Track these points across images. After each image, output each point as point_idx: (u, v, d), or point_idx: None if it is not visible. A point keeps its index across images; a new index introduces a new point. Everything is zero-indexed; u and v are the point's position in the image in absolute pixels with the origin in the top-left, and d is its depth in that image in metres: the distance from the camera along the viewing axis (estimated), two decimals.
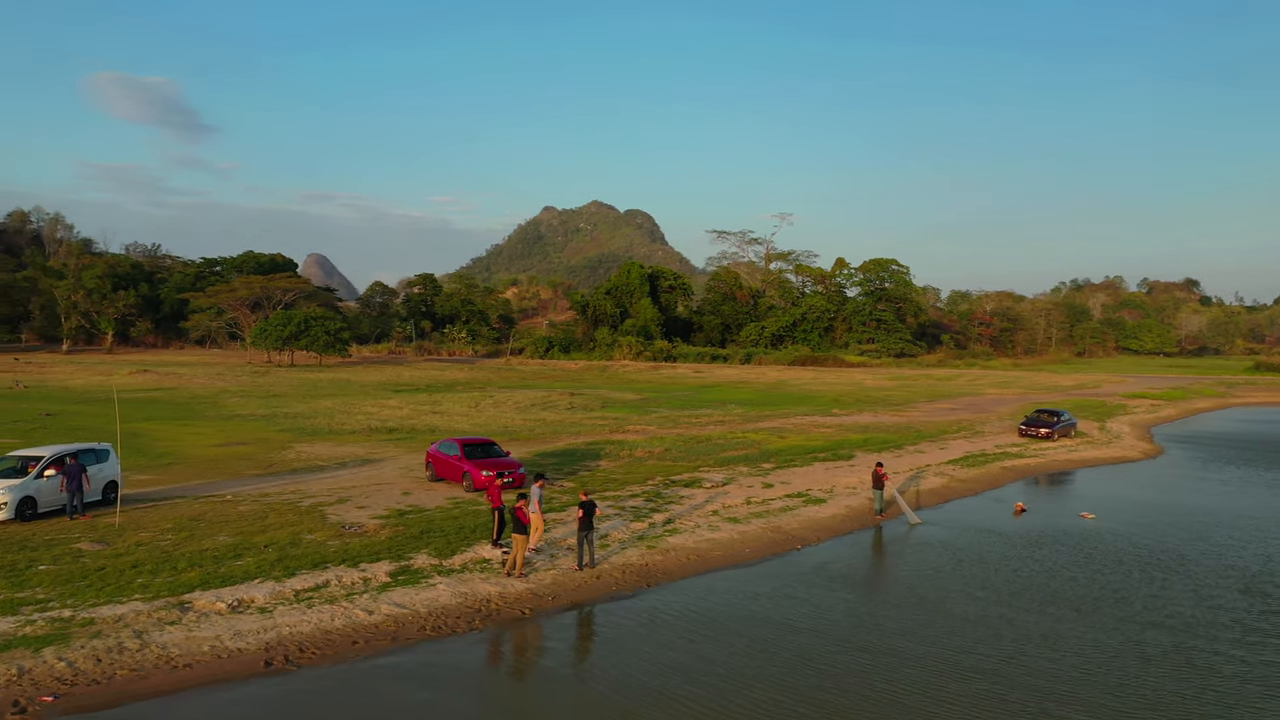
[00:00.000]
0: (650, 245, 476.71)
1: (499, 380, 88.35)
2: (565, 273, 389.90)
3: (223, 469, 32.81)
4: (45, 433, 42.72)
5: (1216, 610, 18.96)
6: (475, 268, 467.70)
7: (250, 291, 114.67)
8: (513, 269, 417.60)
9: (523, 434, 43.06)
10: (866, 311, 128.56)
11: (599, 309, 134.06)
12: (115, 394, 36.42)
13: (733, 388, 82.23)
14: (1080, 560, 23.22)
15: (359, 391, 70.87)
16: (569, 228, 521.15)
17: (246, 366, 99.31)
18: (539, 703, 14.54)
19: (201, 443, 40.03)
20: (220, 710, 13.63)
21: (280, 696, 14.13)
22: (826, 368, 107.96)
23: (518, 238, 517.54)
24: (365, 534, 22.31)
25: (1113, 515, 29.16)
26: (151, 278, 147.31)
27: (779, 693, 14.53)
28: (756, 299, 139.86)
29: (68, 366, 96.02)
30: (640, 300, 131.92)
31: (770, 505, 27.89)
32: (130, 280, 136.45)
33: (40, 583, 17.85)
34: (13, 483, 22.50)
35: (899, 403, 63.81)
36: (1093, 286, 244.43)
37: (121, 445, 38.65)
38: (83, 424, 46.72)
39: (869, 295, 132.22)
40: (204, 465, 33.88)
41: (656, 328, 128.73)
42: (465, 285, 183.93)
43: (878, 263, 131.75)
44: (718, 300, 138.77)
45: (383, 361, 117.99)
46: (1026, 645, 16.80)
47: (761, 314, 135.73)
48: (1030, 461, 38.77)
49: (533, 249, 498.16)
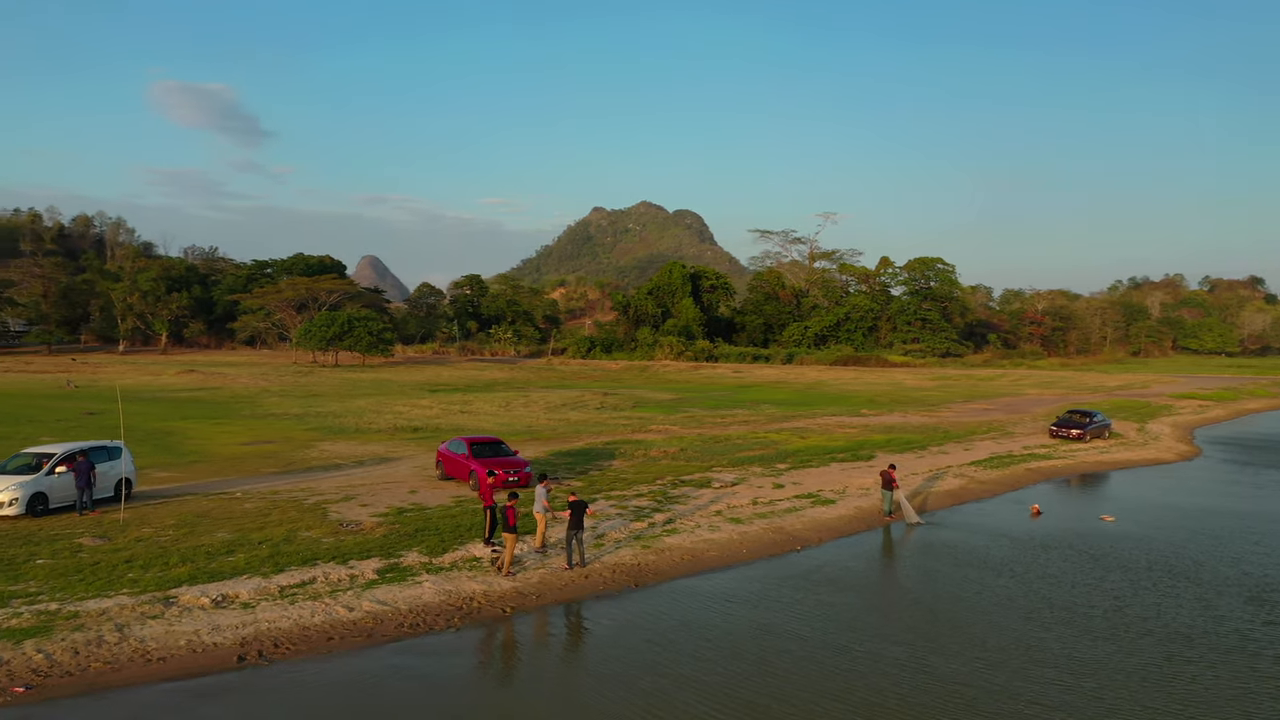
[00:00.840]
0: (699, 245, 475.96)
1: (538, 380, 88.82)
2: (614, 273, 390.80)
3: (243, 467, 33.37)
4: (82, 430, 43.87)
5: (1217, 619, 18.25)
6: (525, 269, 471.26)
7: (296, 293, 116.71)
8: (562, 270, 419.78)
9: (545, 433, 43.21)
10: (911, 311, 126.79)
11: (640, 309, 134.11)
12: (119, 394, 37.24)
13: (770, 388, 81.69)
14: (1086, 565, 22.61)
15: (396, 391, 71.74)
16: (618, 228, 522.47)
17: (291, 366, 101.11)
18: (484, 703, 14.43)
19: (229, 441, 40.80)
20: (182, 703, 13.82)
21: (245, 691, 14.29)
22: (868, 368, 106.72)
23: (567, 239, 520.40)
24: (361, 531, 22.53)
25: (1133, 518, 28.37)
26: (205, 280, 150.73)
27: (723, 698, 14.27)
28: (800, 298, 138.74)
29: (120, 367, 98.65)
30: (682, 300, 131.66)
31: (776, 506, 27.61)
32: (183, 282, 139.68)
33: (35, 576, 18.31)
34: (25, 479, 23.12)
35: (934, 403, 62.82)
36: (1151, 284, 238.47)
37: (153, 443, 39.77)
38: (130, 424, 47.78)
39: (914, 294, 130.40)
40: (226, 463, 34.50)
41: (698, 328, 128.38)
42: (511, 286, 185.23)
43: (923, 261, 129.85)
44: (760, 300, 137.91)
45: (426, 362, 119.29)
46: (1008, 655, 16.34)
47: (805, 314, 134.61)
48: (1057, 463, 37.88)
49: (582, 250, 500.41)
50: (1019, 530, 26.50)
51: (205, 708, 13.71)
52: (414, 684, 14.77)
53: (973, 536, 25.57)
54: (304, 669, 15.13)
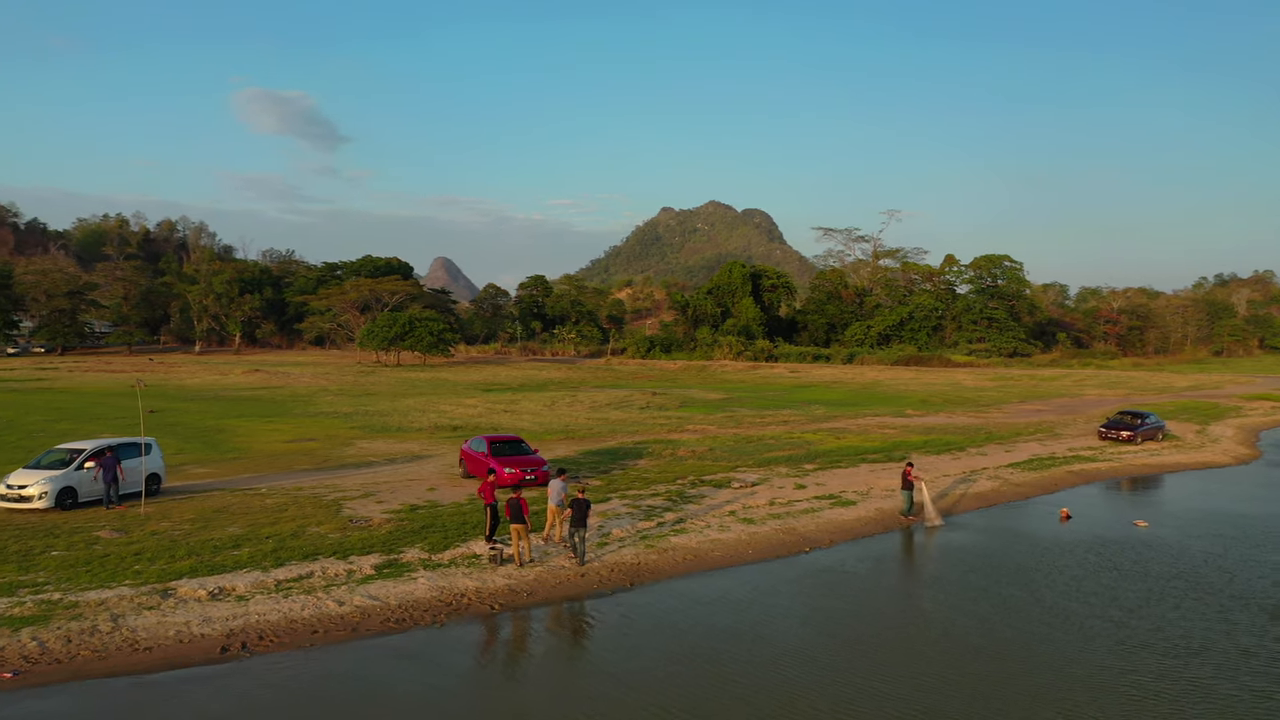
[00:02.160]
0: (768, 244, 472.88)
1: (592, 380, 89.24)
2: (682, 273, 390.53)
3: (280, 464, 34.22)
4: (147, 430, 45.43)
5: (1229, 635, 17.32)
6: (594, 269, 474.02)
7: (359, 294, 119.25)
8: (630, 270, 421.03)
9: (580, 432, 43.41)
10: (977, 309, 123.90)
11: (700, 309, 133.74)
12: (139, 392, 38.27)
13: (824, 388, 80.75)
14: (1105, 572, 21.82)
15: (449, 390, 72.80)
16: (686, 228, 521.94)
17: (354, 366, 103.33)
18: (447, 701, 14.47)
19: (274, 438, 41.87)
20: (155, 692, 14.22)
21: (217, 682, 14.62)
22: (930, 368, 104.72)
23: (635, 239, 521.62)
24: (368, 528, 22.92)
25: (1169, 524, 27.32)
26: (278, 282, 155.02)
27: (646, 703, 14.11)
28: (862, 298, 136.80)
29: (192, 366, 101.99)
30: (742, 300, 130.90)
31: (794, 507, 27.28)
32: (256, 284, 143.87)
33: (46, 567, 19.06)
34: (54, 473, 24.08)
35: (988, 404, 61.36)
36: (1239, 281, 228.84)
37: (201, 440, 41.06)
38: (180, 420, 49.55)
39: (980, 293, 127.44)
40: (265, 460, 35.43)
41: (758, 327, 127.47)
42: (575, 286, 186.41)
43: (989, 259, 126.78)
44: (822, 299, 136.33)
45: (486, 361, 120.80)
46: (993, 663, 15.90)
47: (867, 313, 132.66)
48: (1101, 466, 36.67)
49: (650, 250, 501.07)
50: (1044, 535, 25.74)
51: (163, 697, 14.09)
52: (376, 677, 14.97)
53: (992, 540, 24.92)
54: (280, 662, 15.44)
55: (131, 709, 13.76)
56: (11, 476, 24.21)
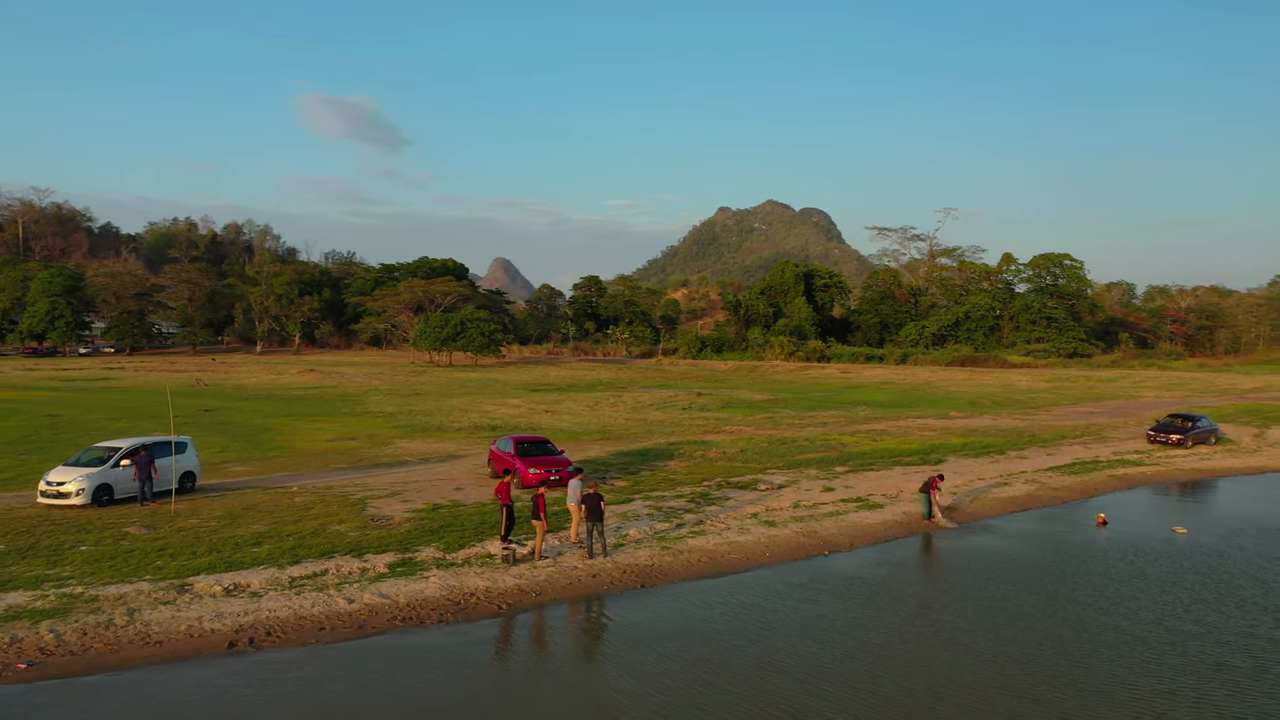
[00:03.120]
0: (826, 244, 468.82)
1: (641, 380, 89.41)
2: (740, 273, 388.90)
3: (317, 462, 34.89)
4: (192, 427, 46.75)
5: (1248, 651, 16.72)
6: (651, 270, 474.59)
7: (413, 295, 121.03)
8: (687, 270, 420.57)
9: (617, 433, 43.52)
10: (1035, 309, 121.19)
11: (751, 309, 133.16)
12: (169, 392, 39.23)
13: (873, 389, 79.85)
14: (1131, 581, 21.18)
15: (495, 391, 73.52)
16: (743, 228, 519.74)
17: (407, 366, 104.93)
18: (431, 700, 14.54)
19: (317, 437, 42.71)
20: (158, 684, 14.60)
21: (215, 677, 14.92)
22: (986, 368, 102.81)
23: (692, 239, 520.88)
24: (388, 526, 23.26)
25: (1210, 531, 26.46)
26: (338, 283, 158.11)
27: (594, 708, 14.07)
28: (917, 297, 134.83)
29: (251, 366, 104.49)
30: (794, 300, 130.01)
31: (818, 509, 27.01)
32: (315, 286, 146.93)
33: (73, 561, 19.70)
34: (91, 471, 24.87)
35: (1038, 405, 60.07)
36: None
37: (246, 439, 42.02)
38: (232, 419, 50.78)
39: (1039, 292, 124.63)
40: (304, 458, 36.15)
41: (811, 327, 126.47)
42: (629, 286, 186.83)
43: (1048, 257, 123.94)
44: (875, 299, 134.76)
45: (538, 361, 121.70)
46: (984, 673, 15.57)
47: (922, 313, 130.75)
48: (1146, 470, 35.65)
49: (707, 250, 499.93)
50: (1075, 540, 25.12)
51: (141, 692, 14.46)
52: (366, 676, 15.16)
53: (1019, 546, 24.39)
54: (283, 658, 15.74)
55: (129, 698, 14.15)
56: (51, 474, 25.07)
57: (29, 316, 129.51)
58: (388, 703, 14.16)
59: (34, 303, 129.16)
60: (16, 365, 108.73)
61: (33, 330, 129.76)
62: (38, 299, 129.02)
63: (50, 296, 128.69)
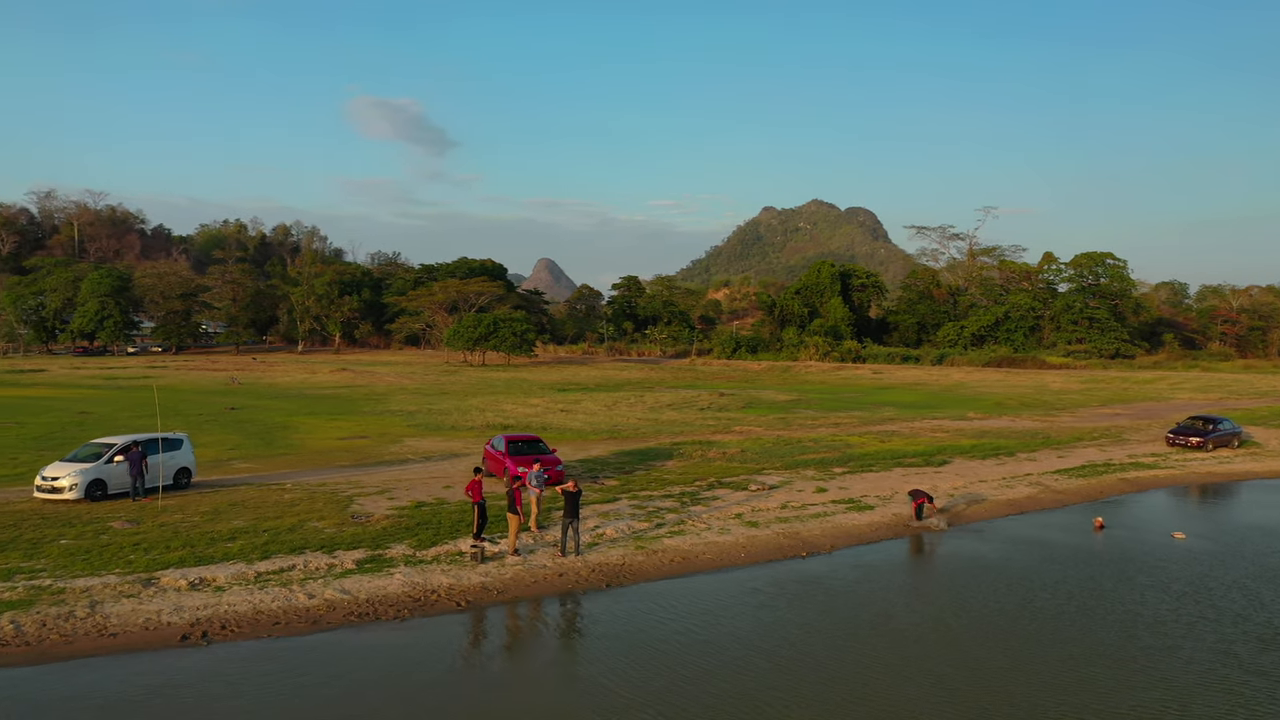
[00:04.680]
0: (872, 243, 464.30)
1: (669, 380, 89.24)
2: (784, 273, 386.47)
3: (322, 460, 35.32)
4: (213, 425, 47.65)
5: (1216, 674, 16.10)
6: (695, 270, 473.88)
7: (446, 295, 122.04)
8: (731, 270, 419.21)
9: (626, 433, 43.48)
10: (1077, 309, 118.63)
11: (786, 309, 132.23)
12: (155, 390, 39.77)
13: (903, 389, 78.88)
14: (1114, 588, 20.60)
15: (521, 390, 73.87)
16: (788, 227, 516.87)
17: (440, 366, 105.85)
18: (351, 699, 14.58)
19: (331, 435, 43.25)
20: (94, 678, 14.83)
21: (161, 670, 15.14)
22: (1024, 369, 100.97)
23: (736, 239, 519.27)
24: (366, 524, 23.46)
25: (1212, 537, 25.69)
26: (379, 284, 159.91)
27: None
28: (956, 297, 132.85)
29: (289, 366, 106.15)
30: (830, 300, 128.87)
31: (806, 510, 26.72)
32: (355, 286, 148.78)
33: (48, 555, 20.13)
34: (85, 466, 25.43)
35: (1065, 407, 58.87)
36: None
37: (260, 437, 42.67)
38: (254, 417, 51.64)
39: (1080, 291, 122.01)
40: (312, 456, 36.63)
41: (847, 328, 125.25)
42: (666, 287, 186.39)
43: (1090, 256, 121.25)
44: (913, 299, 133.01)
45: (572, 361, 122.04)
46: (920, 686, 15.26)
47: (961, 313, 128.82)
48: (1159, 474, 34.73)
49: (751, 250, 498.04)
50: (1066, 545, 24.54)
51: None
52: (296, 673, 15.29)
53: (1004, 551, 23.88)
54: (229, 653, 15.91)
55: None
56: (47, 469, 25.69)
57: (79, 316, 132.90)
58: (299, 704, 14.18)
59: (84, 303, 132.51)
60: (64, 364, 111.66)
61: (83, 330, 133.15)
62: (87, 299, 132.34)
63: (99, 297, 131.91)
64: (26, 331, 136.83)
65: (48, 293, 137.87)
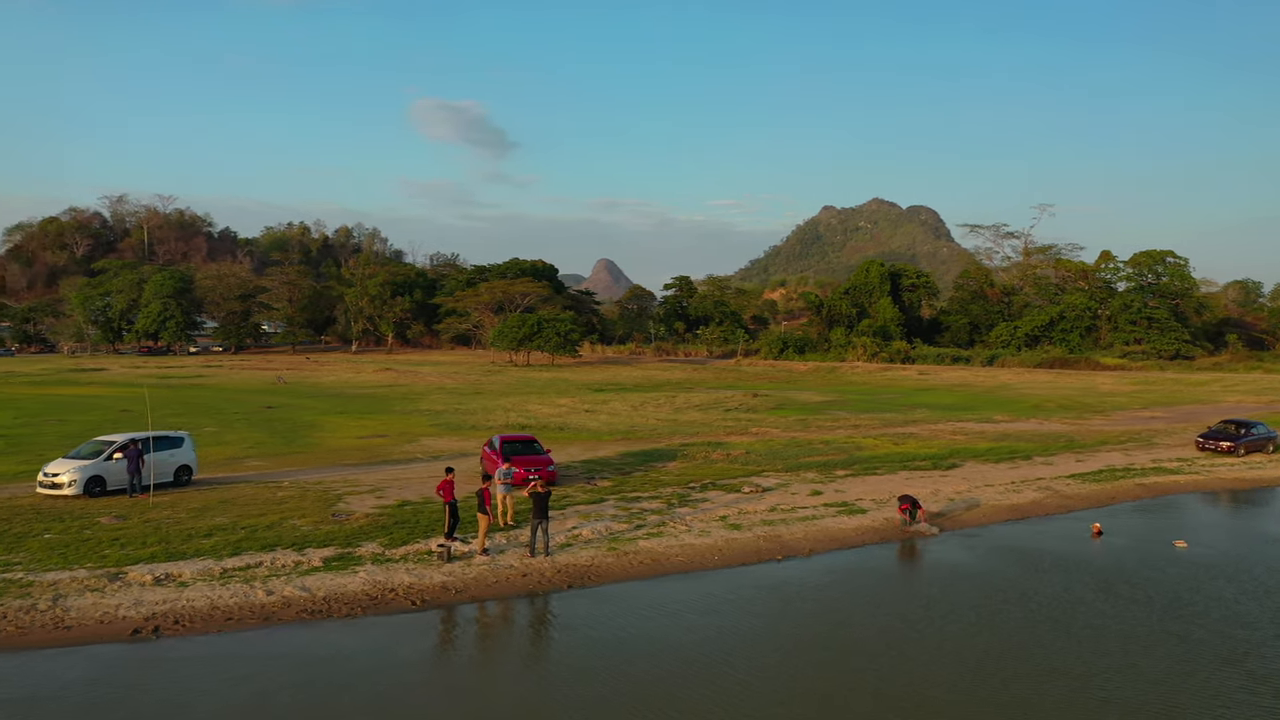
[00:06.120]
0: (934, 242, 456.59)
1: (709, 381, 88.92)
2: (843, 273, 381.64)
3: (332, 458, 35.90)
4: (245, 423, 48.79)
5: (1167, 685, 15.48)
6: (753, 269, 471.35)
7: (492, 296, 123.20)
8: (790, 270, 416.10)
9: (640, 433, 43.40)
10: (1135, 309, 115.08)
11: (834, 309, 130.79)
12: (146, 391, 40.71)
13: (945, 391, 77.44)
14: (1091, 598, 19.82)
15: (555, 390, 74.23)
16: (848, 227, 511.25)
17: (485, 366, 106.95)
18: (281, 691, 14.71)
19: (351, 434, 43.94)
20: (43, 668, 15.24)
21: (101, 663, 15.50)
22: (1076, 371, 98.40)
23: (795, 238, 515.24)
24: (344, 522, 23.74)
25: (1218, 547, 24.62)
26: (433, 285, 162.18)
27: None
28: (1010, 296, 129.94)
29: (338, 365, 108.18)
30: (880, 300, 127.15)
31: (794, 513, 26.34)
32: (408, 287, 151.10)
33: (29, 549, 20.76)
34: (85, 463, 26.21)
35: (1105, 409, 57.18)
36: None
37: (282, 435, 43.52)
38: (285, 416, 52.76)
39: (1139, 291, 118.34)
40: (324, 454, 37.27)
41: (896, 328, 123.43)
42: (718, 287, 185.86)
43: (1150, 255, 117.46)
44: (965, 299, 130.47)
45: (617, 361, 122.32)
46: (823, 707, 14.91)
47: (1015, 313, 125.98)
48: (1181, 479, 33.48)
49: (810, 249, 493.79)
50: (1056, 552, 23.73)
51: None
52: (233, 666, 15.50)
53: (987, 557, 23.18)
54: (171, 649, 16.17)
55: None
56: (49, 465, 26.54)
57: (143, 317, 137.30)
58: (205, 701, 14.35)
59: (147, 304, 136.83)
60: (126, 363, 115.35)
61: (146, 330, 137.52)
62: (151, 300, 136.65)
63: (162, 298, 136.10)
64: (94, 332, 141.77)
65: (114, 294, 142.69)
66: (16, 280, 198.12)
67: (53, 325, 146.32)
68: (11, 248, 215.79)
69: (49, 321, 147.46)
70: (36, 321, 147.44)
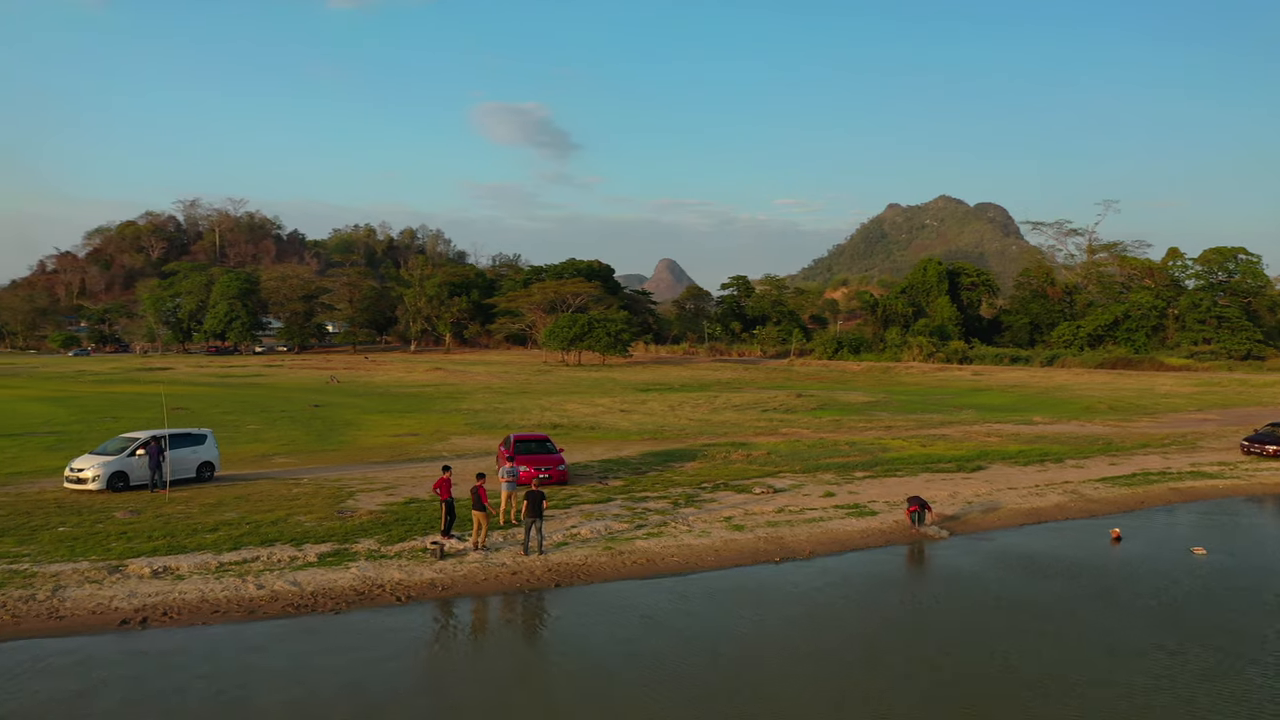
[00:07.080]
0: (1002, 240, 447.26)
1: (759, 381, 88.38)
2: (908, 271, 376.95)
3: (361, 456, 36.56)
4: (287, 421, 49.95)
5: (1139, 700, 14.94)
6: (817, 269, 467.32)
7: (544, 296, 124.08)
8: (854, 269, 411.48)
9: (668, 433, 43.33)
10: (1204, 308, 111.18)
11: (890, 309, 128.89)
12: (163, 393, 41.61)
13: (998, 392, 75.77)
14: (1087, 605, 19.27)
15: (601, 390, 74.46)
16: (913, 225, 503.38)
17: (535, 365, 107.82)
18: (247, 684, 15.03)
19: (386, 432, 44.69)
20: (26, 655, 15.79)
21: (77, 655, 15.97)
22: (1139, 371, 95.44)
23: (860, 237, 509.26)
24: (348, 519, 24.15)
25: (1240, 553, 23.72)
26: (491, 285, 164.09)
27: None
28: (1072, 295, 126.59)
29: (393, 365, 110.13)
30: (937, 299, 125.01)
31: (801, 515, 26.03)
32: (465, 288, 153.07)
33: (40, 541, 21.54)
34: (108, 459, 27.11)
35: (1156, 411, 55.36)
36: None
37: (319, 433, 44.43)
38: (329, 414, 53.86)
39: (1209, 289, 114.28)
40: (355, 452, 37.98)
41: (954, 328, 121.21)
42: (775, 286, 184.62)
43: (1220, 251, 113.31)
44: (1026, 298, 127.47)
45: (669, 361, 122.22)
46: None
47: (1078, 312, 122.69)
48: (1219, 484, 32.25)
49: (875, 248, 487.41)
50: (1065, 558, 23.02)
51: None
52: (210, 658, 15.86)
53: (990, 562, 22.57)
54: (158, 638, 16.67)
55: None
56: (76, 461, 27.53)
57: (210, 317, 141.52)
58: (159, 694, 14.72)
59: (215, 305, 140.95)
60: (192, 363, 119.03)
61: (214, 330, 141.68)
62: (218, 301, 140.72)
63: (228, 299, 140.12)
64: (165, 332, 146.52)
65: (183, 295, 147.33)
66: (96, 283, 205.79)
67: (126, 326, 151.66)
68: (91, 251, 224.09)
69: (123, 322, 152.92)
70: (112, 322, 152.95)
